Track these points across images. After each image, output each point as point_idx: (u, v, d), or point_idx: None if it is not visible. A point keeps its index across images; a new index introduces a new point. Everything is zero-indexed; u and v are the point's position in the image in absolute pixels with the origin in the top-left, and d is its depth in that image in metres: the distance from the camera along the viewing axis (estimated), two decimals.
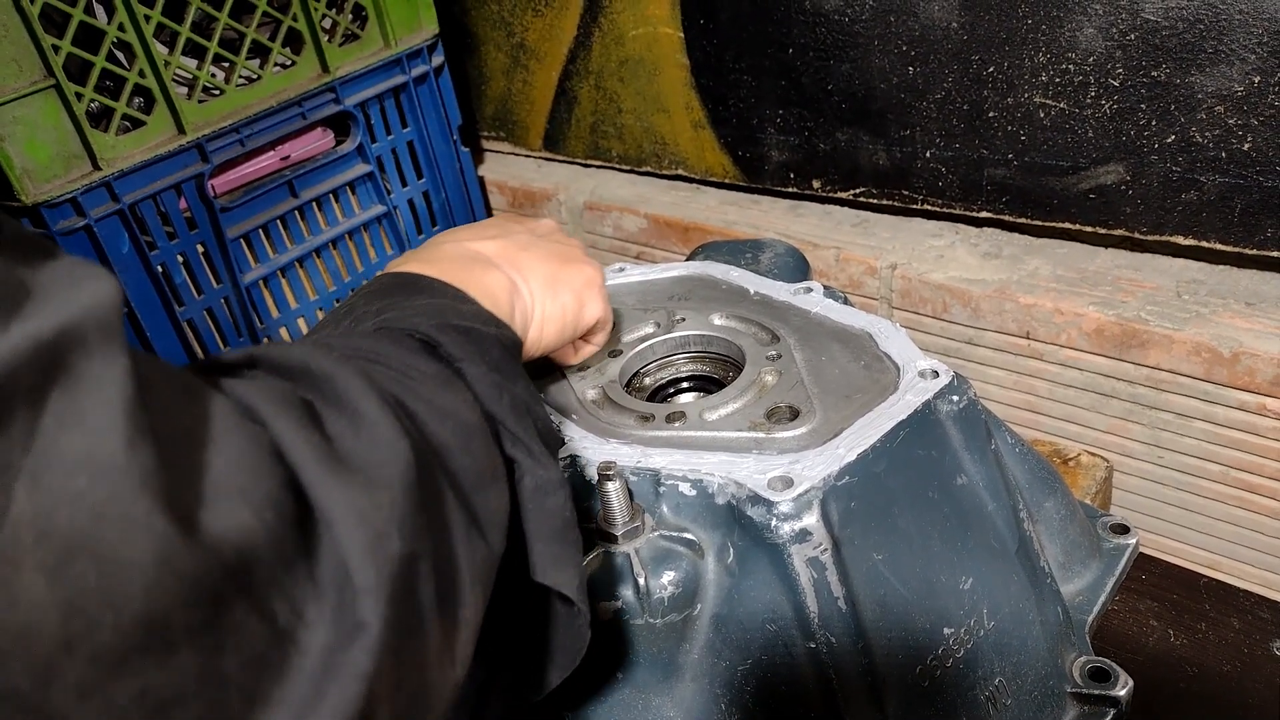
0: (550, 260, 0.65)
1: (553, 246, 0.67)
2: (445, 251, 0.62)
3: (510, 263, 0.63)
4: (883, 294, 1.22)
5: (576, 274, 0.66)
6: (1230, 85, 0.93)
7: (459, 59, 1.58)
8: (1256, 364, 0.95)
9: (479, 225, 0.69)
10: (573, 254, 0.68)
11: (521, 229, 0.68)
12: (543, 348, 0.65)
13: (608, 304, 0.71)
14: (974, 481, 0.65)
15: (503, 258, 0.63)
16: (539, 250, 0.65)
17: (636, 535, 0.60)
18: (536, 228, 0.70)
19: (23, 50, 1.00)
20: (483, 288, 0.58)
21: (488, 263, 0.62)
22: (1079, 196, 1.07)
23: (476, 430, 0.46)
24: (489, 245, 0.63)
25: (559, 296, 0.64)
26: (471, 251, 0.62)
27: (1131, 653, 0.74)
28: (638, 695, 0.61)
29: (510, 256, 0.63)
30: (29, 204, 1.04)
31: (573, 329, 0.67)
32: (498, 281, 0.60)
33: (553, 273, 0.64)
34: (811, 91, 1.22)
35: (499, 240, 0.64)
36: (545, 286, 0.64)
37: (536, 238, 0.67)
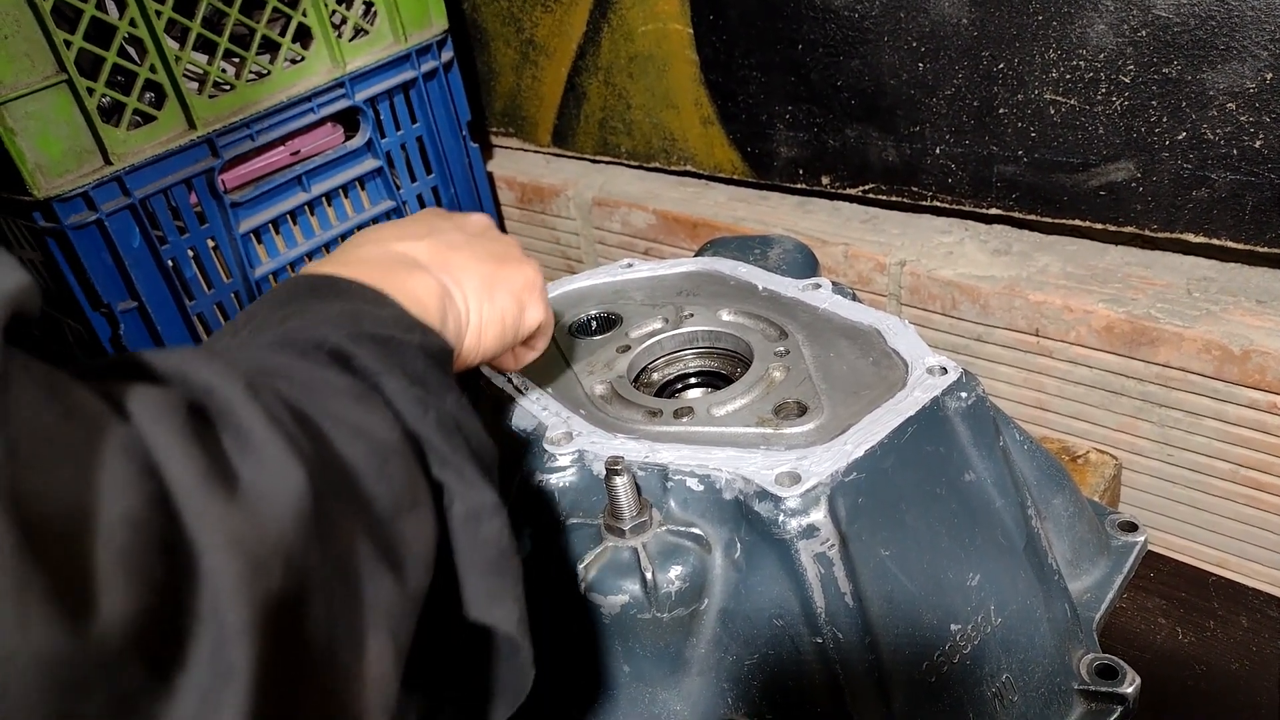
0: (485, 261, 0.59)
1: (487, 245, 0.61)
2: (366, 253, 0.56)
3: (440, 264, 0.57)
4: (891, 290, 1.22)
5: (515, 275, 0.61)
6: (1242, 82, 0.92)
7: (468, 55, 1.59)
8: (1267, 362, 0.95)
9: (404, 222, 0.62)
10: (509, 253, 0.62)
11: (451, 226, 0.62)
12: (482, 354, 0.59)
13: (548, 306, 0.65)
14: (982, 478, 0.65)
15: (432, 259, 0.57)
16: (472, 250, 0.60)
17: (644, 530, 0.60)
18: (467, 224, 0.64)
19: (35, 46, 1.01)
20: (407, 292, 0.52)
21: (414, 265, 0.56)
22: (1089, 193, 1.07)
23: (394, 451, 0.41)
24: (416, 246, 0.57)
25: (497, 300, 0.59)
26: (396, 253, 0.56)
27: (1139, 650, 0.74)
28: (644, 689, 0.61)
29: (440, 258, 0.57)
30: (41, 198, 1.05)
31: (513, 334, 0.61)
32: (425, 285, 0.54)
33: (489, 274, 0.59)
34: (821, 88, 1.22)
35: (427, 240, 0.58)
36: (481, 289, 0.58)
37: (469, 236, 0.61)
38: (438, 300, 0.54)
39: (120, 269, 1.13)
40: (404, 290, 0.52)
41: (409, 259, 0.56)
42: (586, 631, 0.61)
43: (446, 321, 0.54)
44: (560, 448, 0.65)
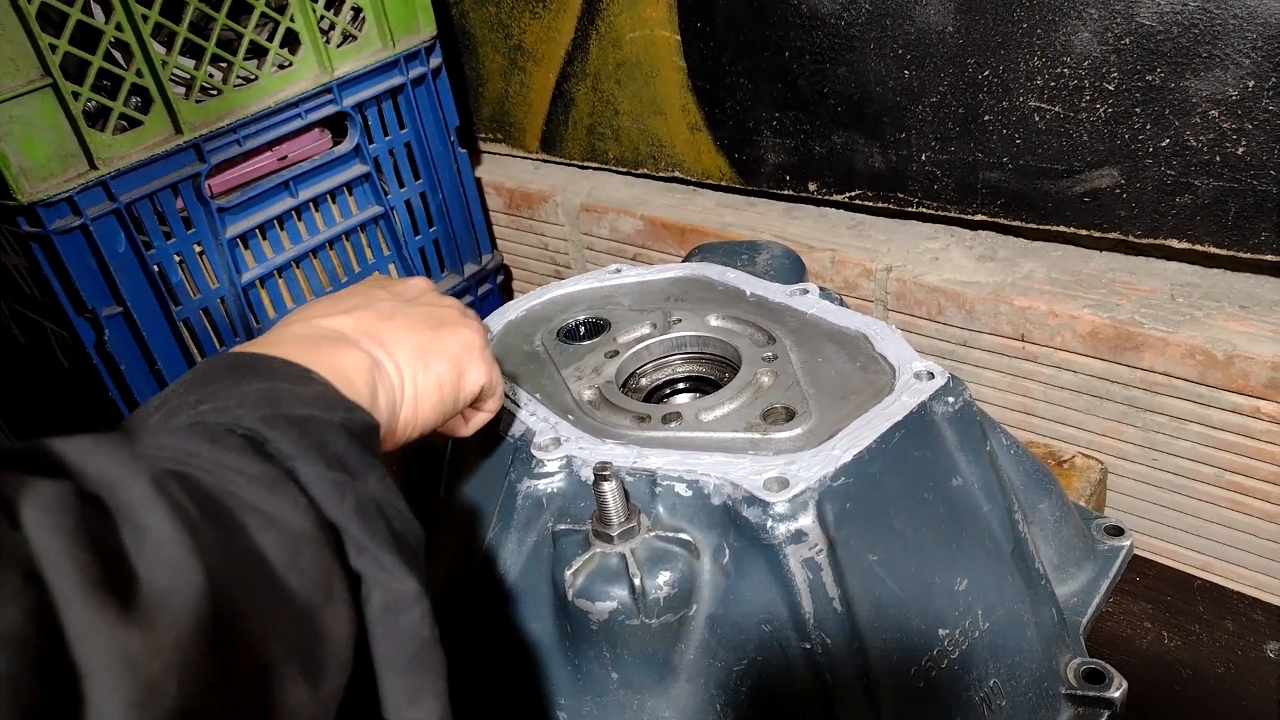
0: (419, 328, 0.58)
1: (421, 311, 0.60)
2: (293, 331, 0.54)
3: (370, 336, 0.55)
4: (878, 296, 1.22)
5: (451, 339, 0.59)
6: (1225, 89, 0.93)
7: (457, 61, 1.59)
8: (1250, 367, 0.95)
9: (336, 297, 0.60)
10: (446, 316, 0.61)
11: (385, 294, 0.60)
12: (420, 427, 0.57)
13: (492, 366, 0.63)
14: (969, 483, 0.66)
15: (361, 331, 0.55)
16: (406, 318, 0.58)
17: (632, 536, 0.60)
18: (404, 290, 0.62)
19: (20, 49, 1.00)
20: (333, 367, 0.50)
21: (341, 339, 0.54)
22: (1074, 200, 1.08)
23: (307, 541, 0.39)
24: (344, 320, 0.56)
25: (433, 367, 0.57)
26: (324, 328, 0.55)
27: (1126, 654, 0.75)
28: (633, 696, 0.61)
29: (370, 329, 0.56)
30: (25, 203, 1.04)
31: (453, 401, 0.59)
32: (353, 360, 0.52)
33: (423, 342, 0.57)
34: (808, 95, 1.23)
35: (357, 312, 0.57)
36: (415, 358, 0.57)
37: (403, 303, 0.60)
38: (366, 374, 0.53)
39: (105, 274, 1.12)
40: (330, 366, 0.50)
41: (337, 334, 0.55)
42: (574, 638, 0.61)
43: (377, 396, 0.53)
44: (548, 453, 0.65)
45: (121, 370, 1.17)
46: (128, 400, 1.21)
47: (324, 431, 0.44)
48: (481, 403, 0.64)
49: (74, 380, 1.28)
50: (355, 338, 0.55)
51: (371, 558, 0.43)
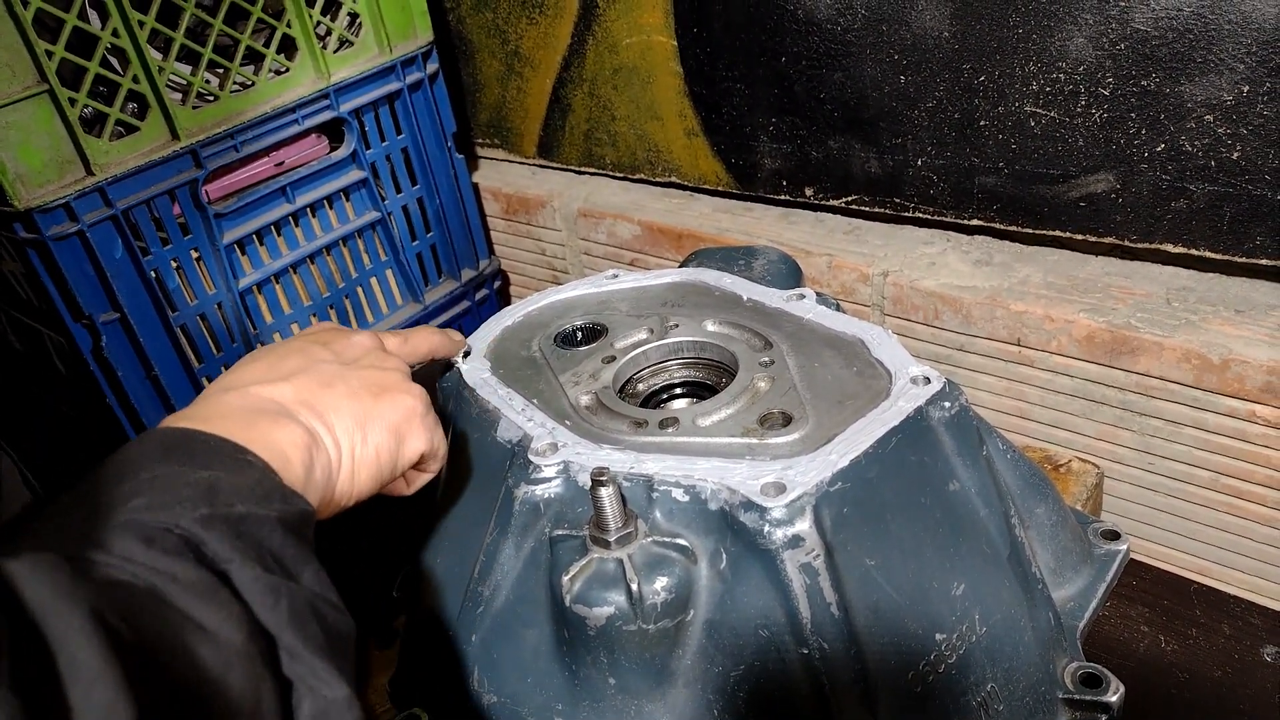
0: (359, 396, 0.58)
1: (363, 376, 0.60)
2: (229, 402, 0.54)
3: (309, 407, 0.55)
4: (875, 301, 1.23)
5: (390, 408, 0.59)
6: (1219, 94, 0.94)
7: (454, 66, 1.59)
8: (1246, 371, 0.96)
9: (279, 354, 0.60)
10: (388, 381, 0.60)
11: (328, 355, 0.60)
12: (357, 495, 0.58)
13: (434, 430, 0.63)
14: (966, 488, 0.66)
15: (300, 401, 0.55)
16: (346, 385, 0.58)
17: (629, 541, 0.60)
18: (346, 349, 0.62)
19: (16, 55, 1.00)
20: (270, 445, 0.50)
21: (279, 412, 0.54)
22: (1069, 204, 1.08)
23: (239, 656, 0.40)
24: (284, 389, 0.55)
25: (371, 437, 0.57)
26: (262, 400, 0.54)
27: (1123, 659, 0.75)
28: (630, 701, 0.61)
29: (310, 398, 0.56)
30: (21, 209, 1.04)
31: (390, 469, 0.59)
32: (290, 436, 0.52)
33: (363, 411, 0.57)
34: (804, 100, 1.23)
35: (297, 378, 0.56)
36: (355, 427, 0.57)
37: (344, 366, 0.60)
38: (303, 451, 0.52)
39: (102, 280, 1.12)
40: (266, 443, 0.50)
41: (275, 405, 0.54)
42: (572, 644, 0.61)
43: (313, 472, 0.53)
44: (545, 459, 0.65)
45: (119, 376, 1.17)
46: (125, 406, 1.21)
47: (260, 528, 0.45)
48: (425, 464, 0.64)
49: (71, 386, 1.28)
50: (294, 409, 0.55)
51: (304, 664, 0.43)
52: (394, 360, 0.64)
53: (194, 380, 1.24)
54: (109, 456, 0.47)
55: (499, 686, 0.65)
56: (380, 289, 1.46)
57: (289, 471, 0.50)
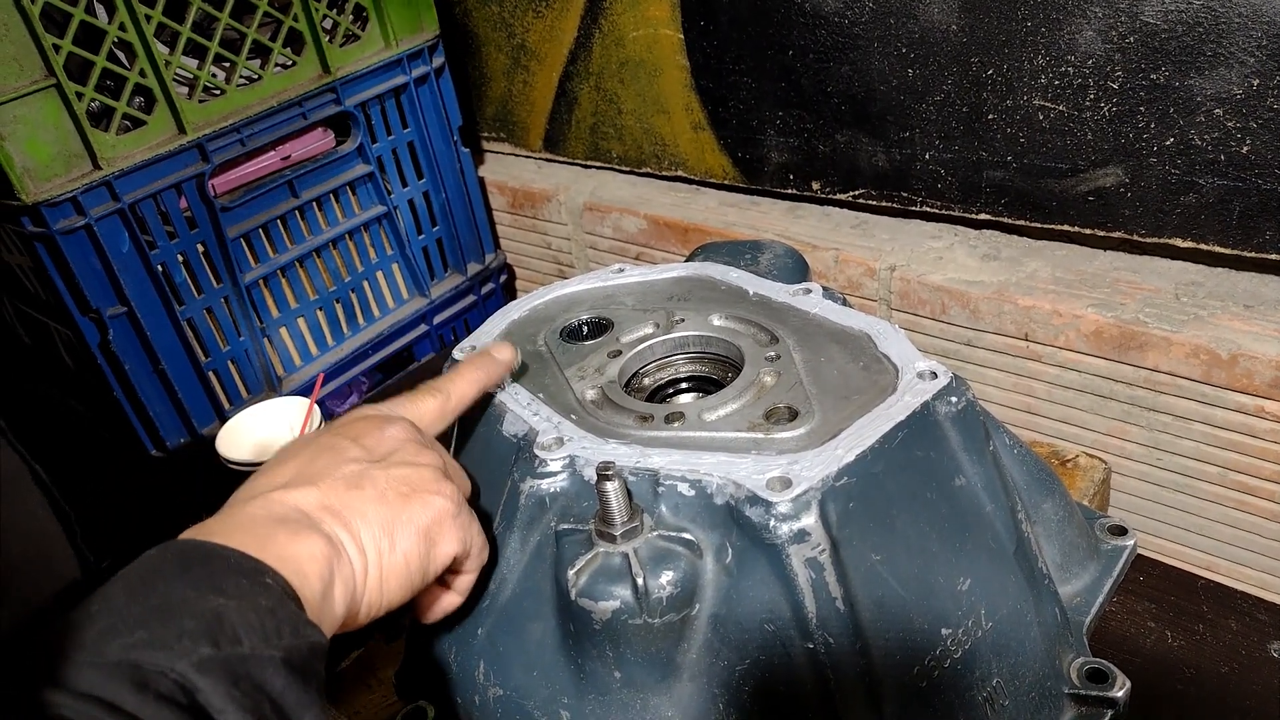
0: (387, 498, 0.55)
1: (393, 475, 0.57)
2: (251, 513, 0.52)
3: (333, 513, 0.53)
4: (881, 295, 1.22)
5: (421, 509, 0.56)
6: (1229, 88, 0.93)
7: (460, 60, 1.59)
8: (1255, 366, 0.95)
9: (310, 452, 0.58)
10: (418, 480, 0.57)
11: (358, 452, 0.58)
12: (387, 605, 0.55)
13: (468, 529, 0.60)
14: (972, 483, 0.65)
15: (324, 507, 0.53)
16: (375, 485, 0.55)
17: (635, 535, 0.60)
18: (379, 444, 0.59)
19: (23, 49, 1.01)
20: (288, 560, 0.49)
21: (301, 521, 0.52)
22: (1078, 199, 1.08)
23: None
24: (308, 495, 0.53)
25: (399, 544, 0.55)
26: (285, 507, 0.52)
27: (1129, 654, 0.74)
28: (635, 695, 0.61)
29: (335, 503, 0.54)
30: (29, 203, 1.04)
31: (421, 576, 0.56)
32: (310, 549, 0.50)
33: (390, 515, 0.55)
34: (811, 93, 1.22)
35: (324, 482, 0.54)
36: (381, 534, 0.54)
37: (374, 464, 0.57)
38: (323, 564, 0.50)
39: (109, 274, 1.13)
40: (283, 557, 0.48)
41: (297, 512, 0.52)
42: (577, 637, 0.61)
43: (333, 587, 0.51)
44: (551, 453, 0.65)
45: (126, 370, 1.18)
46: (131, 400, 1.21)
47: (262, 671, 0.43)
48: (459, 567, 0.61)
49: (78, 380, 1.28)
50: (317, 516, 0.52)
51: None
52: (429, 454, 0.60)
53: (200, 374, 1.24)
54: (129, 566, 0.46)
55: (504, 680, 0.65)
56: (386, 283, 1.47)
57: (306, 588, 0.49)
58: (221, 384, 1.28)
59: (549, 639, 0.63)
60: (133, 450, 1.27)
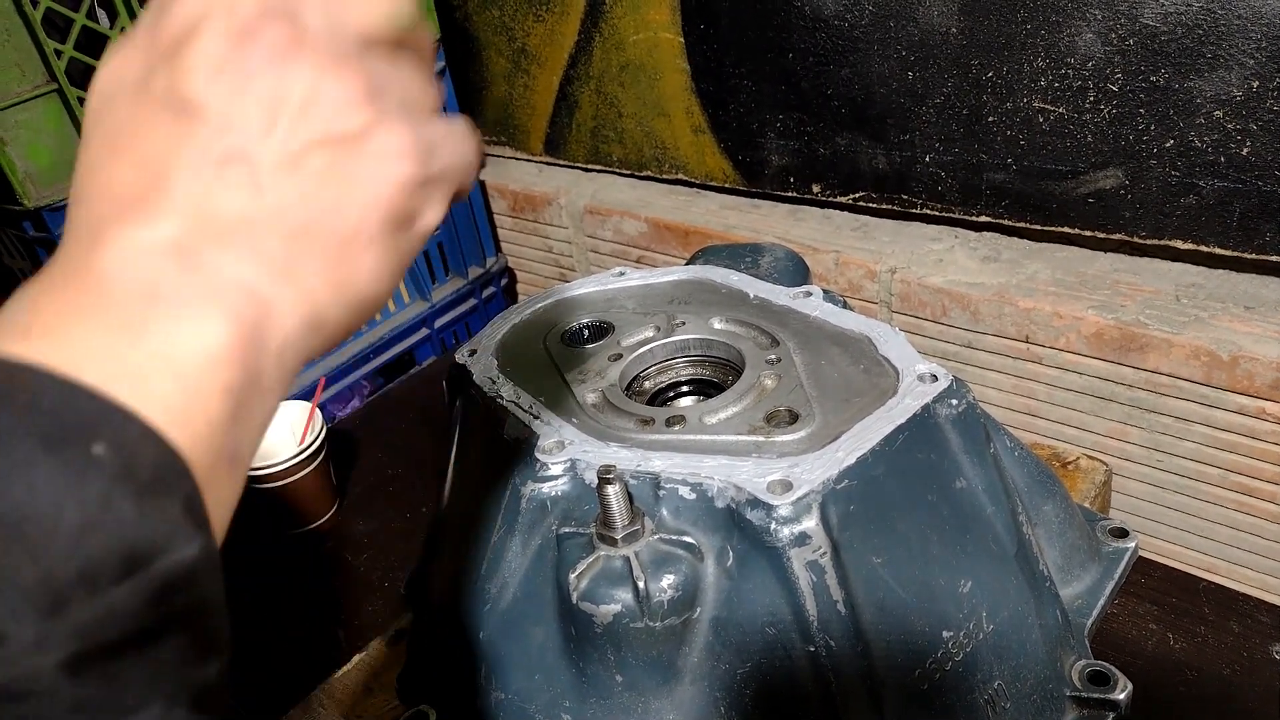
0: (306, 200, 0.31)
1: (292, 144, 0.31)
2: (105, 278, 0.29)
3: (223, 250, 0.30)
4: (882, 298, 1.22)
5: (368, 192, 0.32)
6: (1229, 90, 0.93)
7: (460, 64, 1.59)
8: (1255, 368, 0.95)
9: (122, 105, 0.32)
10: (338, 133, 0.31)
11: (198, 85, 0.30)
12: (354, 328, 0.35)
13: (447, 170, 0.35)
14: (973, 485, 0.66)
15: (203, 247, 0.29)
16: (274, 184, 0.30)
17: (636, 538, 0.60)
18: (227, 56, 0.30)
19: (25, 55, 1.01)
20: (164, 376, 0.27)
21: (182, 289, 0.29)
22: (1078, 201, 1.08)
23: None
24: (172, 228, 0.29)
25: (356, 265, 0.32)
26: (150, 261, 0.29)
27: (1131, 656, 0.74)
28: (637, 698, 0.61)
29: (219, 233, 0.30)
30: (31, 208, 1.05)
31: (395, 278, 0.35)
32: (204, 344, 0.28)
33: (324, 225, 0.31)
34: (811, 96, 1.23)
35: (185, 198, 0.30)
36: (321, 263, 0.31)
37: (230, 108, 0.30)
38: (230, 367, 0.29)
39: None
40: (159, 376, 0.27)
41: (173, 271, 0.29)
42: (578, 641, 0.61)
43: (252, 395, 0.30)
44: (552, 456, 0.65)
45: None
46: None
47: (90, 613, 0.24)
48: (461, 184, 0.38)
49: None
50: (206, 272, 0.29)
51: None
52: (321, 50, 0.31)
53: None
54: None
55: (506, 683, 0.65)
56: None
57: (195, 419, 0.28)
58: None
59: (550, 642, 0.63)
60: None
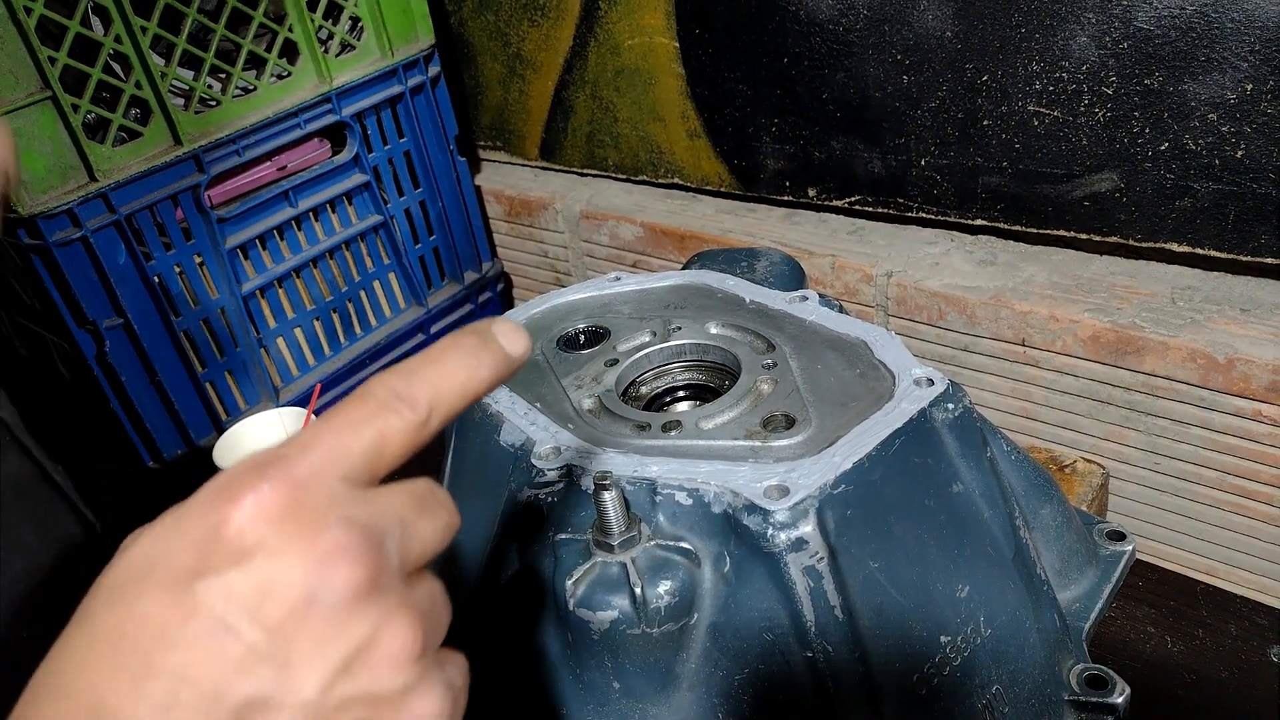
0: None
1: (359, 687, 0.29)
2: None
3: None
4: (879, 302, 1.22)
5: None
6: (1223, 93, 0.93)
7: (456, 69, 1.59)
8: (1251, 370, 0.95)
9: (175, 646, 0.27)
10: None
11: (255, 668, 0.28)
12: None
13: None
14: (970, 489, 0.65)
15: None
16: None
17: (633, 545, 0.59)
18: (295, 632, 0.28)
19: (19, 62, 1.01)
20: None
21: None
22: (1073, 204, 1.08)
23: None
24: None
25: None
26: None
27: (1129, 660, 0.74)
28: (634, 705, 0.61)
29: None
30: (25, 215, 1.04)
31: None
32: None
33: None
34: (806, 100, 1.23)
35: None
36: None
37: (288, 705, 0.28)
38: None
39: (106, 286, 1.12)
40: None
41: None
42: (576, 648, 0.61)
43: None
44: (548, 462, 0.65)
45: (123, 382, 1.18)
46: (128, 411, 1.21)
47: None
48: None
49: (75, 392, 1.28)
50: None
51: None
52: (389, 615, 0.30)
53: (197, 385, 1.24)
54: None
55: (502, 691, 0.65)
56: (383, 292, 1.46)
57: None
58: (219, 395, 1.28)
59: (547, 649, 0.63)
60: (130, 462, 1.26)
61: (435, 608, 0.33)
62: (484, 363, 0.34)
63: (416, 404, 0.32)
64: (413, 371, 0.33)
